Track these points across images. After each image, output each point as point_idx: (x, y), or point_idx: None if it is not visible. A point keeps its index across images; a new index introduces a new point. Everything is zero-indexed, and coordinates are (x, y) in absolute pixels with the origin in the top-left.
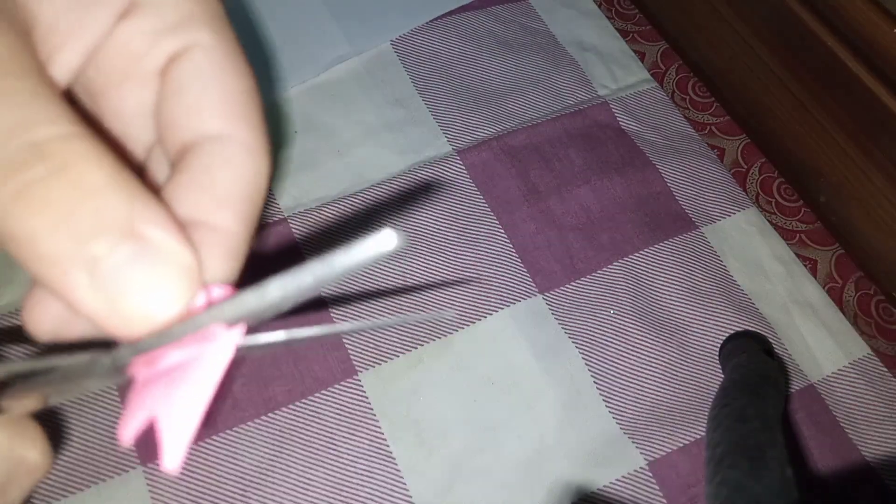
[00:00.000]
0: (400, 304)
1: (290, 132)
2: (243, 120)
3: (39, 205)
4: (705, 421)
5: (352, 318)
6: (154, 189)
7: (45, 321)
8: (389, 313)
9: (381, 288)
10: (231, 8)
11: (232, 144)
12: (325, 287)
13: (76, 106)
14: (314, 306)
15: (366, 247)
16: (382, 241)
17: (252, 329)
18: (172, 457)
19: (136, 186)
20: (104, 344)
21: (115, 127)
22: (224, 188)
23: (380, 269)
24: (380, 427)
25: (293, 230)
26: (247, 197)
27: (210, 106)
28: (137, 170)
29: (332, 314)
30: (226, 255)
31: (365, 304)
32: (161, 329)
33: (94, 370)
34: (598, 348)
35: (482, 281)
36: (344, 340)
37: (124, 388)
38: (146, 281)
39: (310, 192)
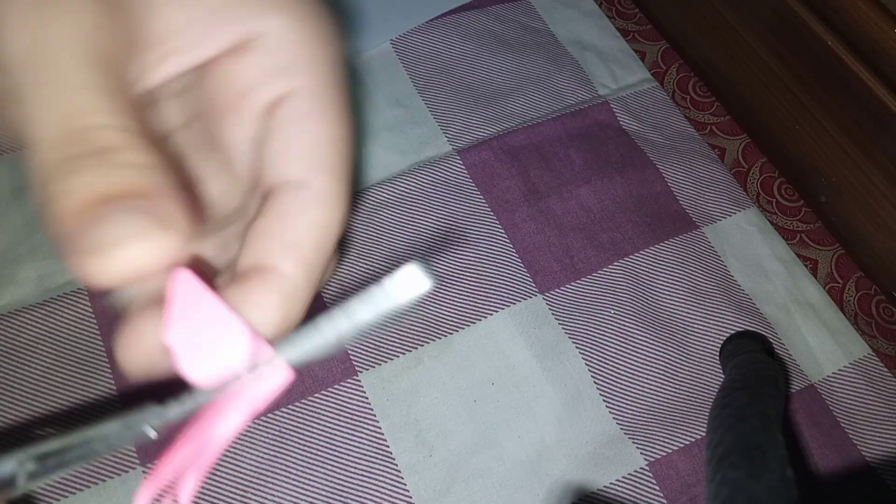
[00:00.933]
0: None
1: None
2: (324, 170)
3: (74, 172)
4: (705, 421)
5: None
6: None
7: (137, 356)
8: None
9: None
10: None
11: (308, 192)
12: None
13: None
14: (314, 307)
15: (399, 291)
16: (414, 284)
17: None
18: (188, 493)
19: (162, 171)
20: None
21: (226, 154)
22: (292, 235)
23: (379, 269)
24: (380, 427)
25: None
26: (313, 246)
27: (295, 153)
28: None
29: None
30: (282, 300)
31: None
32: (220, 381)
33: (136, 430)
34: (598, 348)
35: (482, 281)
36: None
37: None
38: (132, 227)
39: None
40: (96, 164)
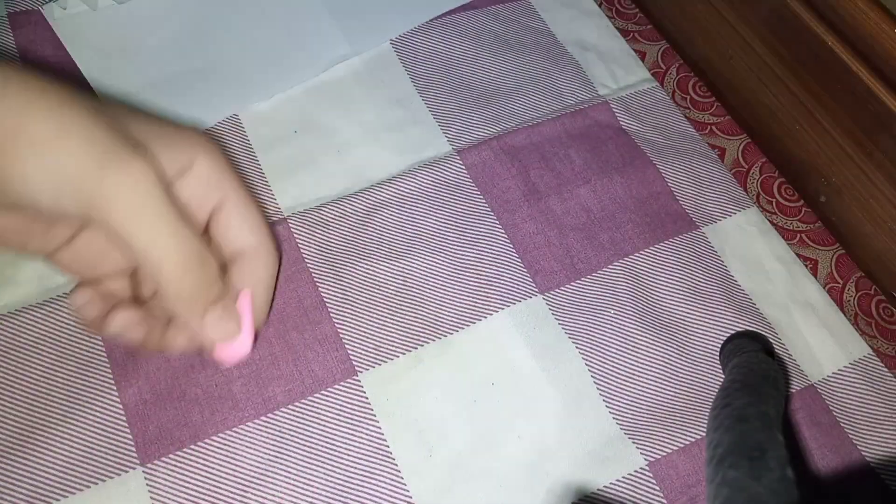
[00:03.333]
0: (400, 304)
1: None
2: (262, 236)
3: (195, 282)
4: (705, 421)
5: (351, 318)
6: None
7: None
8: (389, 313)
9: (382, 288)
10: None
11: (258, 252)
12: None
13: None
14: (315, 307)
15: None
16: None
17: None
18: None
19: (222, 281)
20: None
21: None
22: (257, 276)
23: (380, 269)
24: (380, 427)
25: (293, 230)
26: (269, 278)
27: (245, 232)
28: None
29: (332, 315)
30: (256, 313)
31: (365, 304)
32: None
33: None
34: (598, 348)
35: (482, 281)
36: (344, 340)
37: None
38: (223, 326)
39: (309, 192)
40: (208, 279)
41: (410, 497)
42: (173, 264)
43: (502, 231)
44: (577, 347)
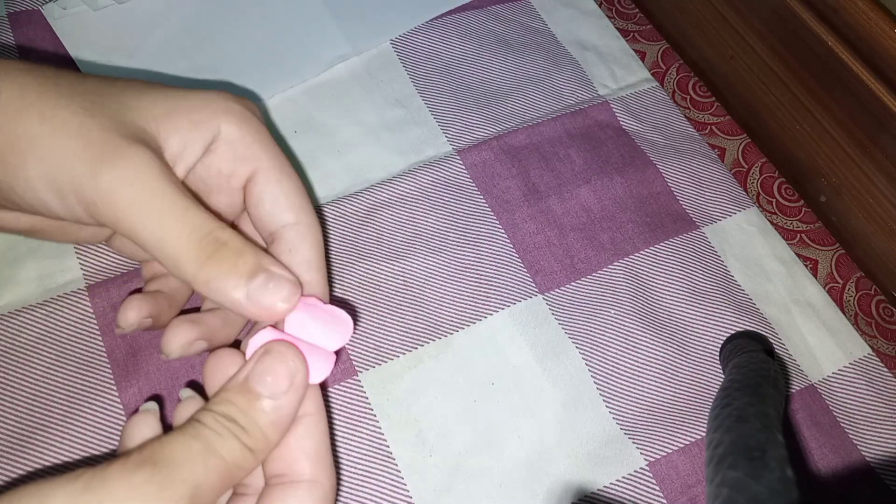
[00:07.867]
0: (400, 304)
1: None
2: (303, 210)
3: (219, 263)
4: (705, 421)
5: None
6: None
7: (180, 341)
8: (389, 313)
9: (382, 288)
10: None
11: (301, 228)
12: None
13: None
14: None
15: None
16: None
17: None
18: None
19: (257, 248)
20: None
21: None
22: (303, 255)
23: (380, 269)
24: (380, 427)
25: None
26: (317, 258)
27: (281, 207)
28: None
29: None
30: (317, 291)
31: (365, 304)
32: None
33: None
34: (598, 348)
35: (482, 281)
36: None
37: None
38: (275, 291)
39: (309, 192)
40: (232, 254)
41: (410, 497)
42: (189, 257)
43: (502, 231)
44: (577, 347)
